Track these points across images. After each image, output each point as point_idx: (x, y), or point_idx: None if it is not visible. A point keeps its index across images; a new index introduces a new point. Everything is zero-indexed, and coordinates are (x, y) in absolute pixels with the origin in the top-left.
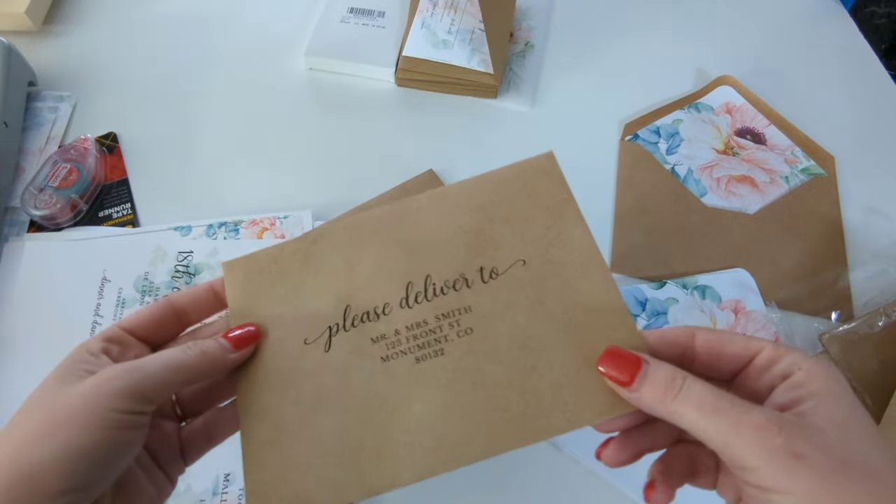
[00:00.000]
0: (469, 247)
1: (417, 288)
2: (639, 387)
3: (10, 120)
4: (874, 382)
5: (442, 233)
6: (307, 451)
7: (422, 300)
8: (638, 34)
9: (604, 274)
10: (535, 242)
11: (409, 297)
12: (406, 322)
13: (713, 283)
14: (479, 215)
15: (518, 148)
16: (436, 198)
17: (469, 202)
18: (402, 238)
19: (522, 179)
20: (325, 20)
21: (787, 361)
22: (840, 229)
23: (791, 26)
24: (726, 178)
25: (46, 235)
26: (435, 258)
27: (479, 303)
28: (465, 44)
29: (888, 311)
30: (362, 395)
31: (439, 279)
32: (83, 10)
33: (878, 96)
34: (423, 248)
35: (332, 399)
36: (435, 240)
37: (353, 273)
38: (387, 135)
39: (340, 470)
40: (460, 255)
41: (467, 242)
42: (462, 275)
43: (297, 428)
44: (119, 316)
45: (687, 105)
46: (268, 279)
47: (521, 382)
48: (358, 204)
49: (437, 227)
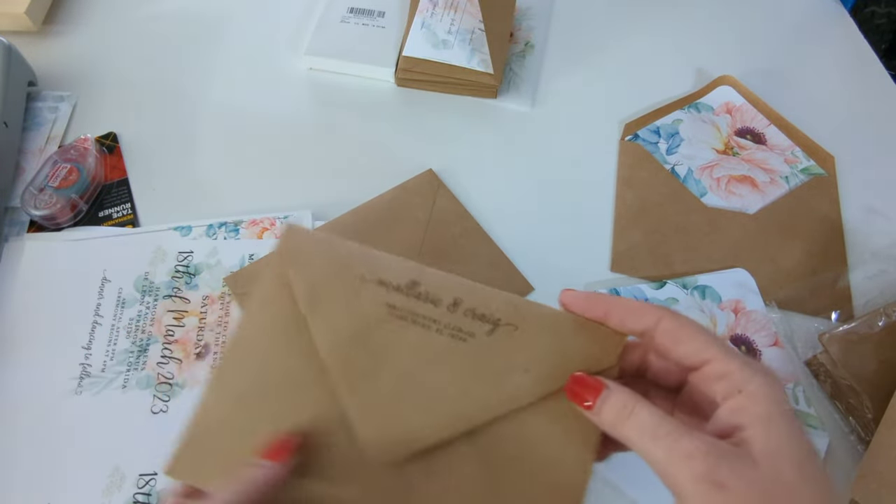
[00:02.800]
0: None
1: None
2: (599, 409)
3: (10, 120)
4: (874, 382)
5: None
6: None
7: (457, 311)
8: (638, 34)
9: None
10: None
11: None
12: (445, 319)
13: (713, 283)
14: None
15: (518, 148)
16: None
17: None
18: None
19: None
20: (325, 20)
21: (732, 380)
22: (840, 229)
23: (791, 26)
24: (726, 178)
25: (46, 235)
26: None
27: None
28: (465, 44)
29: (888, 311)
30: (402, 360)
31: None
32: (83, 10)
33: (878, 96)
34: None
35: (378, 350)
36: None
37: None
38: (387, 135)
39: None
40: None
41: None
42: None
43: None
44: (119, 316)
45: (687, 105)
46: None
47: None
48: (358, 204)
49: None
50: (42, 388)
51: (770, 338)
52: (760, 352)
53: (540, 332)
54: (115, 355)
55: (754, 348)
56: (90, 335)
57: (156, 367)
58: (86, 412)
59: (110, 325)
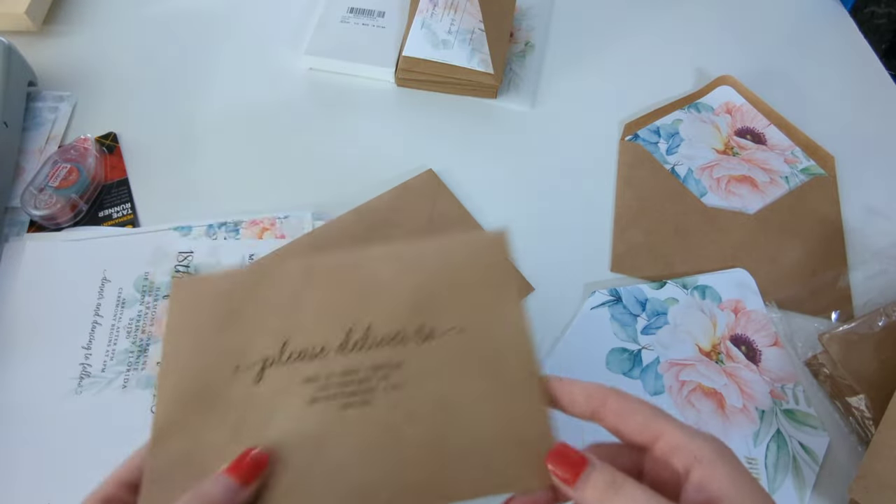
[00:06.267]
0: (413, 306)
1: (357, 335)
2: (582, 487)
3: (10, 120)
4: (874, 382)
5: (390, 288)
6: None
7: (359, 348)
8: (638, 34)
9: (529, 359)
10: (474, 315)
11: (349, 343)
12: (340, 367)
13: (713, 283)
14: (428, 279)
15: (518, 148)
16: (391, 255)
17: (421, 265)
18: (352, 285)
19: (476, 253)
20: (325, 20)
21: (687, 450)
22: (840, 229)
23: (791, 26)
24: (726, 178)
25: (46, 235)
26: (379, 310)
27: (411, 361)
28: (465, 44)
29: (888, 311)
30: (282, 435)
31: (379, 331)
32: (83, 10)
33: (878, 96)
34: (371, 298)
35: (252, 434)
36: (382, 293)
37: (299, 310)
38: (387, 135)
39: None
40: (403, 312)
41: (412, 302)
42: (401, 331)
43: (211, 459)
44: (119, 316)
45: (687, 105)
46: (213, 302)
47: (438, 445)
48: (358, 204)
49: (386, 282)
50: (42, 388)
51: (770, 338)
52: (761, 352)
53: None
54: (116, 355)
55: (754, 348)
56: (90, 335)
57: (156, 367)
58: (86, 412)
59: (110, 325)
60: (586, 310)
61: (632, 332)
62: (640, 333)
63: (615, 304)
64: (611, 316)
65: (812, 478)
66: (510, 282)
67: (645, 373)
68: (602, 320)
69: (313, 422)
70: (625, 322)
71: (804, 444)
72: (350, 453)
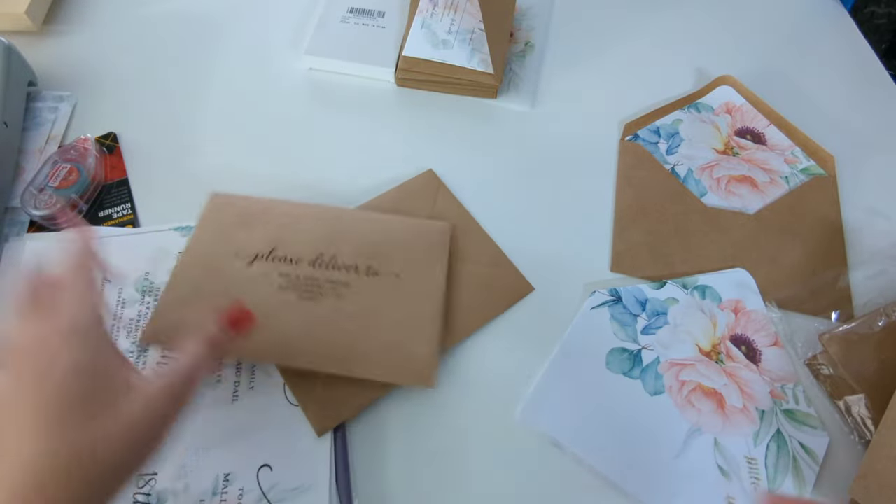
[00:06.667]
0: (370, 252)
1: (325, 259)
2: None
3: (10, 120)
4: (874, 382)
5: (357, 237)
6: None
7: (323, 267)
8: (638, 34)
9: (437, 308)
10: (410, 269)
11: (317, 262)
12: (306, 274)
13: (713, 283)
14: (386, 238)
15: (518, 148)
16: (367, 217)
17: (385, 228)
18: (331, 227)
19: (427, 232)
20: (325, 20)
21: None
22: (840, 229)
23: (791, 26)
24: (726, 178)
25: (46, 235)
26: (345, 248)
27: (356, 284)
28: (465, 44)
29: (888, 311)
30: (255, 302)
31: (341, 260)
32: (83, 10)
33: (878, 96)
34: (341, 239)
35: (235, 296)
36: (351, 237)
37: (289, 232)
38: (387, 135)
39: None
40: (361, 254)
41: (370, 250)
42: (356, 265)
43: (206, 298)
44: (119, 316)
45: (687, 105)
46: (232, 212)
47: (354, 338)
48: (358, 204)
49: (356, 232)
50: None
51: (770, 338)
52: (761, 352)
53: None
54: None
55: (754, 348)
56: None
57: (156, 367)
58: None
59: (110, 326)
60: (586, 310)
61: (632, 332)
62: (640, 333)
63: (615, 304)
64: (611, 316)
65: (812, 478)
66: (443, 256)
67: (645, 373)
68: (602, 320)
69: (278, 300)
70: (625, 322)
71: (804, 444)
72: (296, 326)
